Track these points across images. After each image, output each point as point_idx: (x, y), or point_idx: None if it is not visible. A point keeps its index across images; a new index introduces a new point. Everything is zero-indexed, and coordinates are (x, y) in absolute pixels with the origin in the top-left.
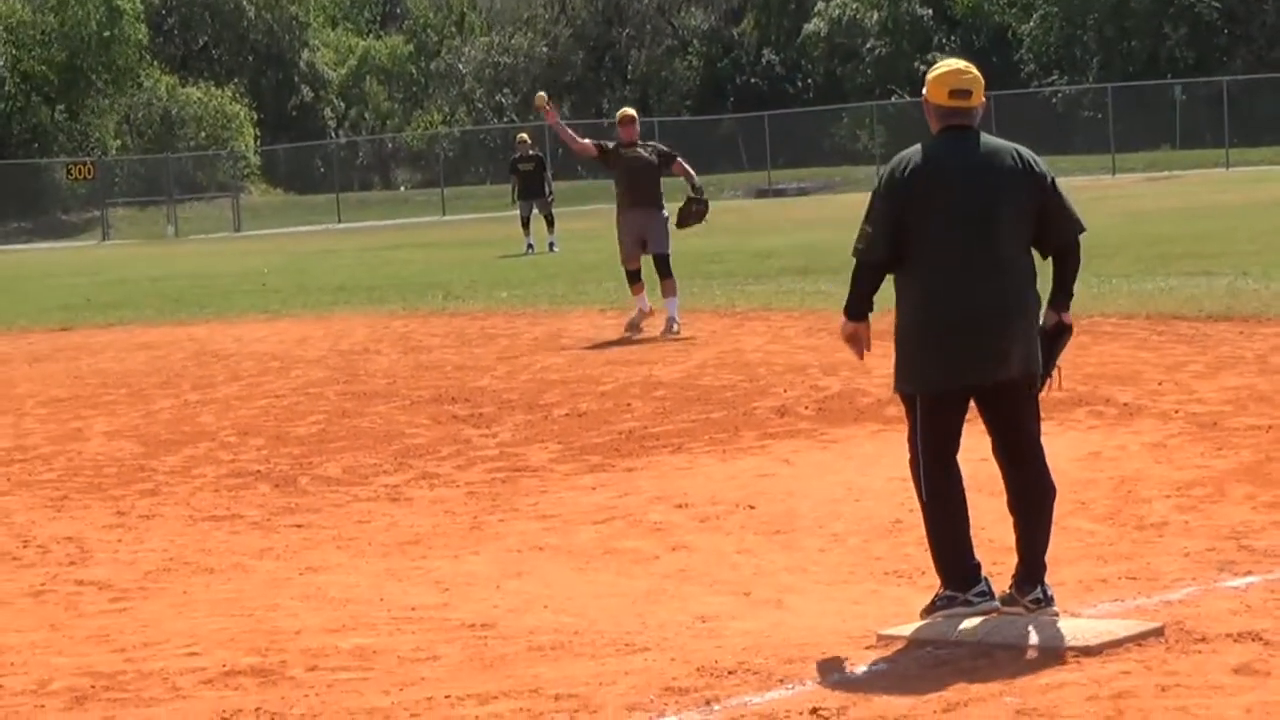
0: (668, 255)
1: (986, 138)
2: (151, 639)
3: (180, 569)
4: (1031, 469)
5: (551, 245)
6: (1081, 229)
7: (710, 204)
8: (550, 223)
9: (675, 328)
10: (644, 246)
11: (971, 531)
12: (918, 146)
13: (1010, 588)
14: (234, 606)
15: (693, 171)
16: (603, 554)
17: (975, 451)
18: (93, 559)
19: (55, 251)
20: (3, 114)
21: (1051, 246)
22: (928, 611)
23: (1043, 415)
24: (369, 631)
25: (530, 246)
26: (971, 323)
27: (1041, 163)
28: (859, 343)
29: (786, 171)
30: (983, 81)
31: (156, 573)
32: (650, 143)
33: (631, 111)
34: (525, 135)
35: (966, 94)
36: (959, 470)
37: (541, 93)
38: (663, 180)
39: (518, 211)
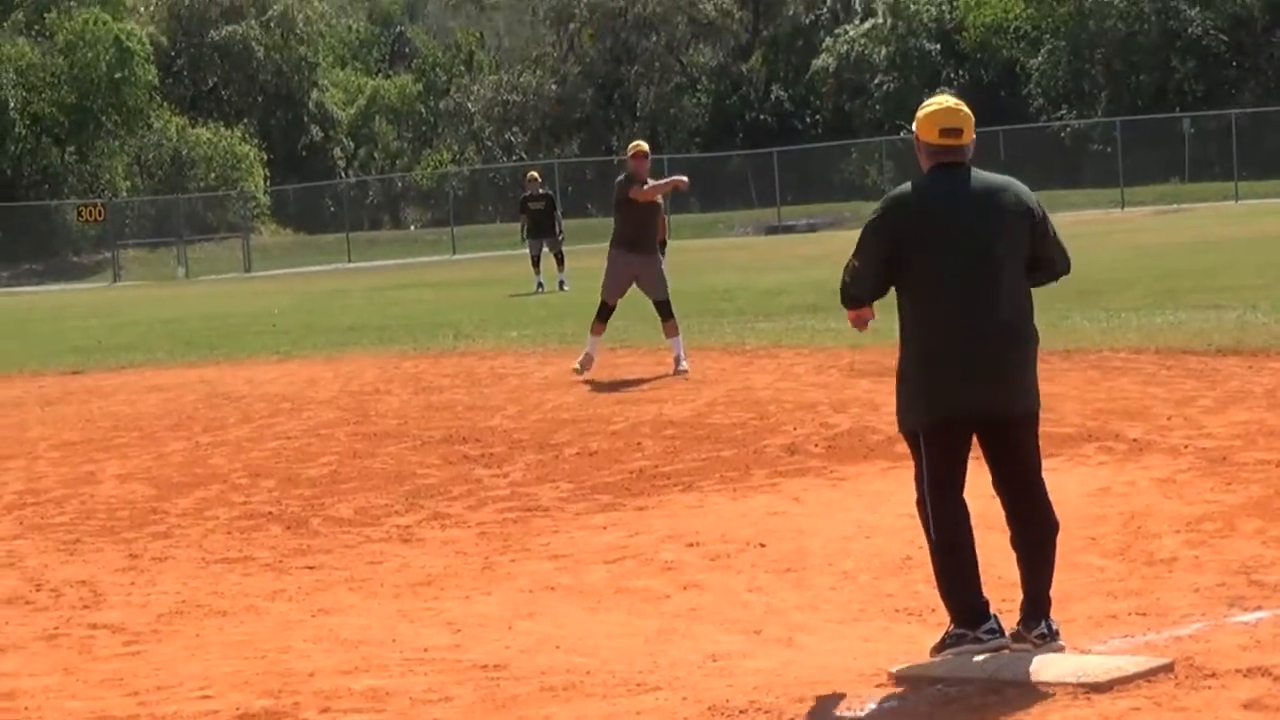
0: (668, 300)
1: (978, 172)
2: (165, 682)
3: (193, 611)
4: (1034, 504)
5: (562, 284)
6: (1069, 266)
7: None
8: (560, 261)
9: (684, 365)
10: (630, 285)
11: (980, 568)
12: (909, 184)
13: (1018, 624)
14: (247, 649)
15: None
16: (614, 593)
17: (984, 488)
18: (106, 602)
19: (66, 293)
20: (13, 156)
21: (1038, 281)
22: (938, 649)
23: (1053, 452)
24: (381, 673)
25: (540, 285)
26: (974, 355)
27: (1033, 197)
28: (864, 322)
29: (796, 208)
30: (973, 119)
31: (169, 615)
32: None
33: (645, 146)
34: (535, 173)
35: (957, 132)
36: (966, 507)
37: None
38: None
39: (527, 250)
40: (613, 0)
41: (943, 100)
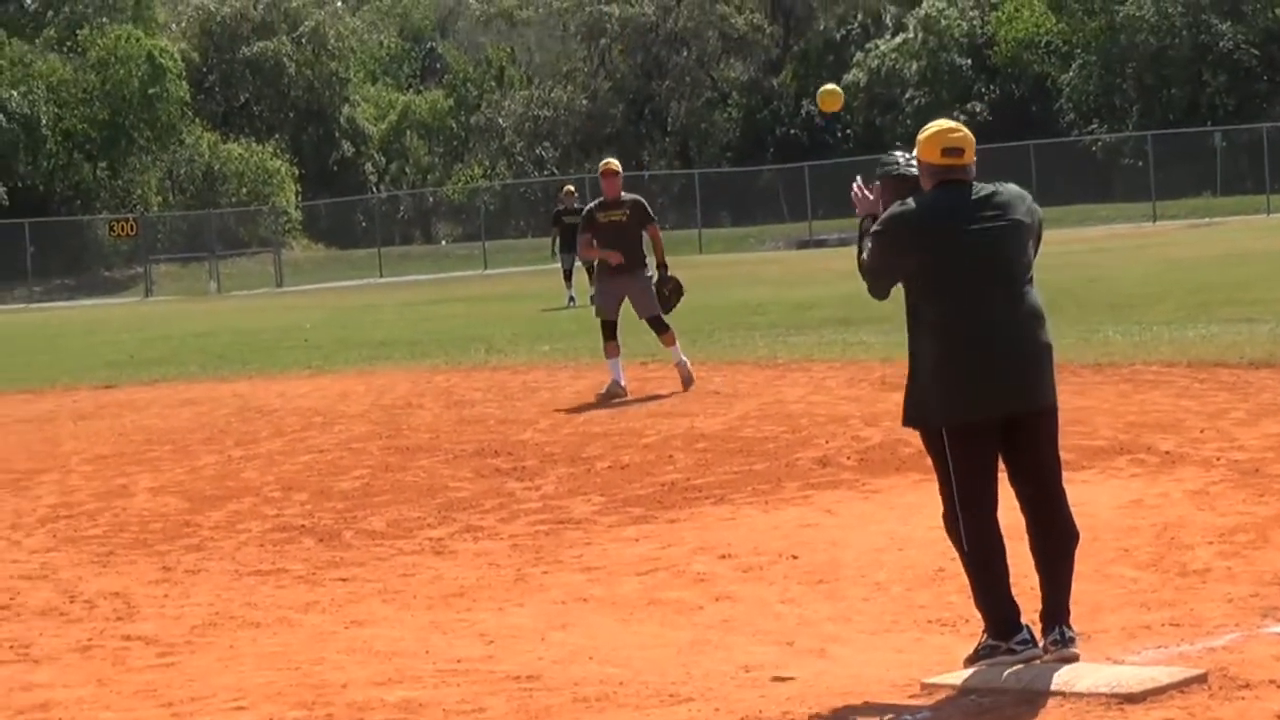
0: (659, 315)
1: (980, 184)
2: (198, 693)
3: (226, 623)
4: (1054, 510)
5: (592, 298)
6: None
7: (680, 279)
8: (592, 275)
9: (688, 367)
10: (623, 300)
11: (1011, 578)
12: (910, 200)
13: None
14: (280, 660)
15: (662, 243)
16: (646, 605)
17: (1014, 501)
18: (139, 614)
19: (98, 308)
20: (45, 171)
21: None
22: (971, 660)
23: (1085, 465)
24: (415, 684)
25: (572, 299)
26: (996, 357)
27: (1035, 205)
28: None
29: (827, 222)
30: (973, 141)
31: (203, 627)
32: (631, 196)
33: (614, 164)
34: (572, 187)
35: (959, 152)
36: (997, 517)
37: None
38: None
39: (559, 264)
40: (644, 15)
41: (942, 123)
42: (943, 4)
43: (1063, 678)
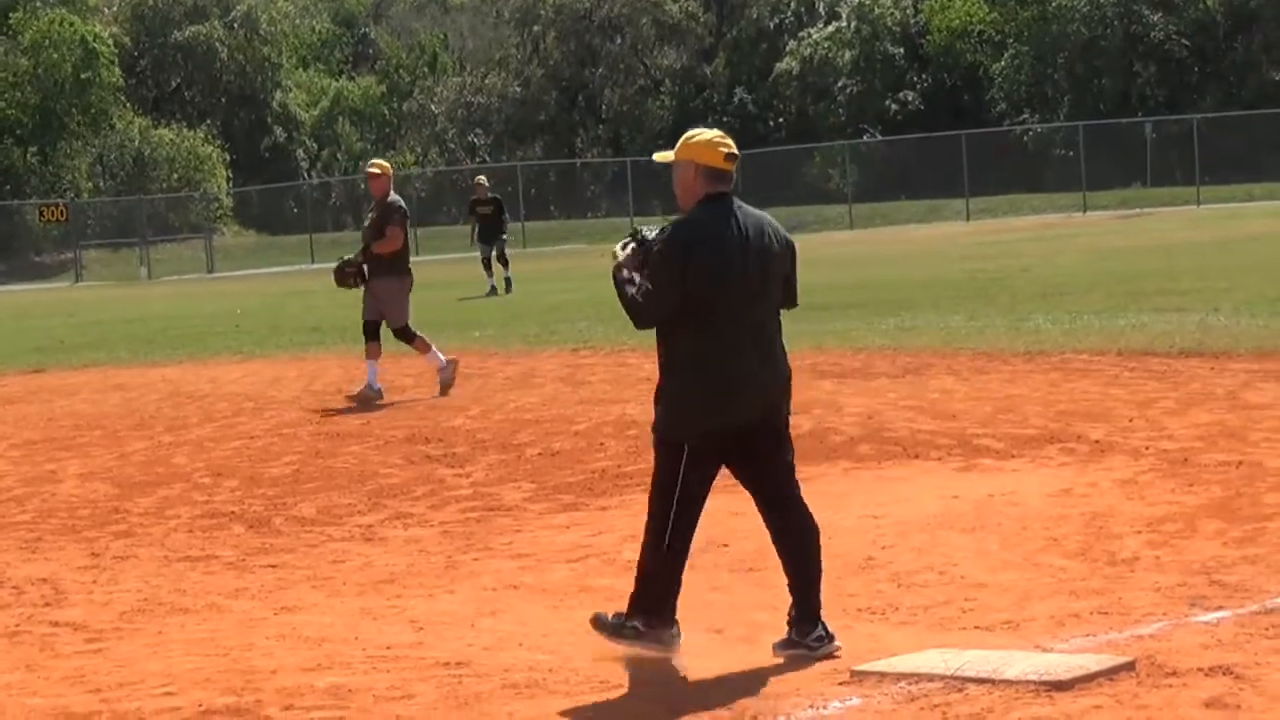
0: (398, 329)
1: (743, 205)
2: (127, 679)
3: (155, 609)
4: (792, 508)
5: (509, 282)
6: (795, 304)
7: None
8: (504, 261)
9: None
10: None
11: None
12: (694, 217)
13: (789, 631)
14: (209, 646)
15: (389, 237)
16: (577, 591)
17: (946, 489)
18: (68, 600)
19: (28, 293)
20: None
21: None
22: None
23: (1015, 453)
24: (344, 670)
25: (493, 288)
26: (743, 380)
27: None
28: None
29: None
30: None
31: (131, 613)
32: (392, 198)
33: (376, 166)
34: (483, 178)
35: (735, 158)
36: None
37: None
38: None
39: (478, 253)
40: (577, 2)
41: (707, 130)
42: None
43: (991, 664)
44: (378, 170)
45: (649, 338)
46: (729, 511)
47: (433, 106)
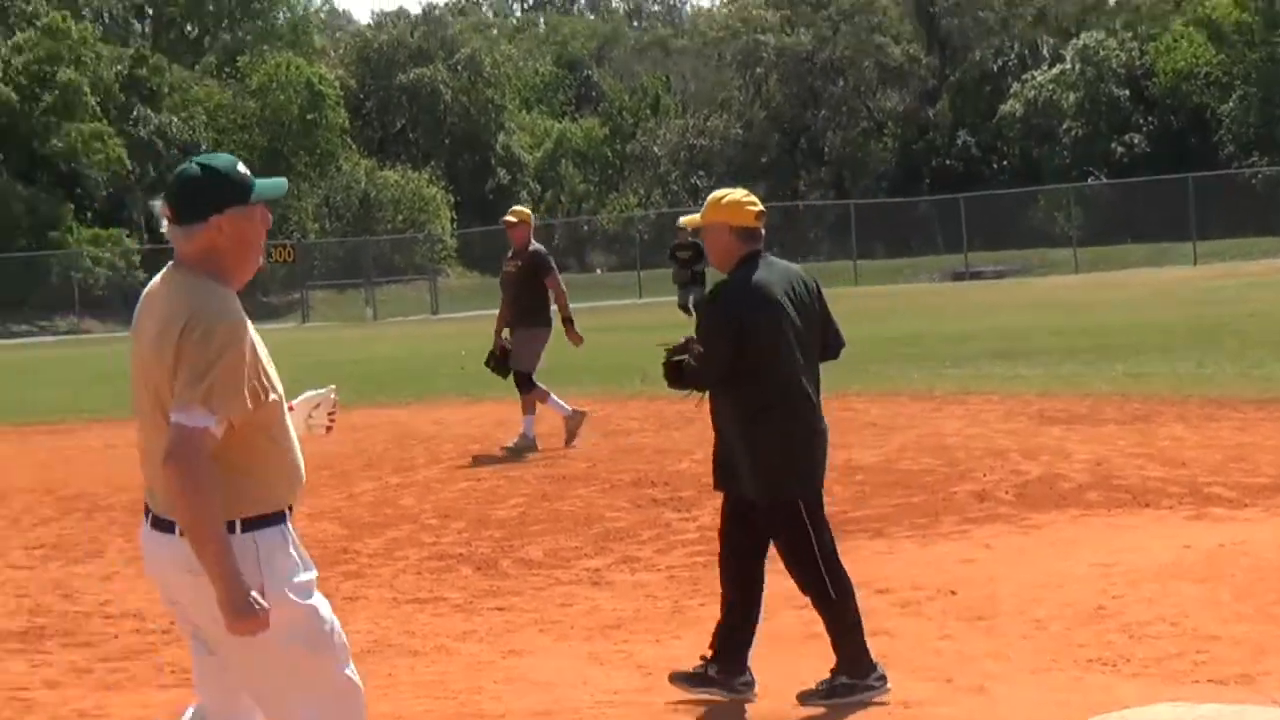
0: (523, 373)
1: (773, 258)
2: None
3: (385, 651)
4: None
5: None
6: (844, 343)
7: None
8: (696, 309)
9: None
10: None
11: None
12: (741, 276)
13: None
14: (438, 689)
15: (557, 289)
16: (805, 638)
17: (1177, 538)
18: None
19: (256, 333)
20: None
21: (827, 355)
22: (825, 695)
23: (1248, 502)
24: (572, 716)
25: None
26: (821, 432)
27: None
28: None
29: (983, 254)
30: None
31: (361, 655)
32: (535, 247)
33: (515, 214)
34: (685, 221)
35: (764, 215)
36: None
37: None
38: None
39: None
40: (800, 44)
41: (734, 190)
42: (1101, 35)
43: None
44: (515, 219)
45: (875, 380)
46: (958, 558)
47: (655, 148)
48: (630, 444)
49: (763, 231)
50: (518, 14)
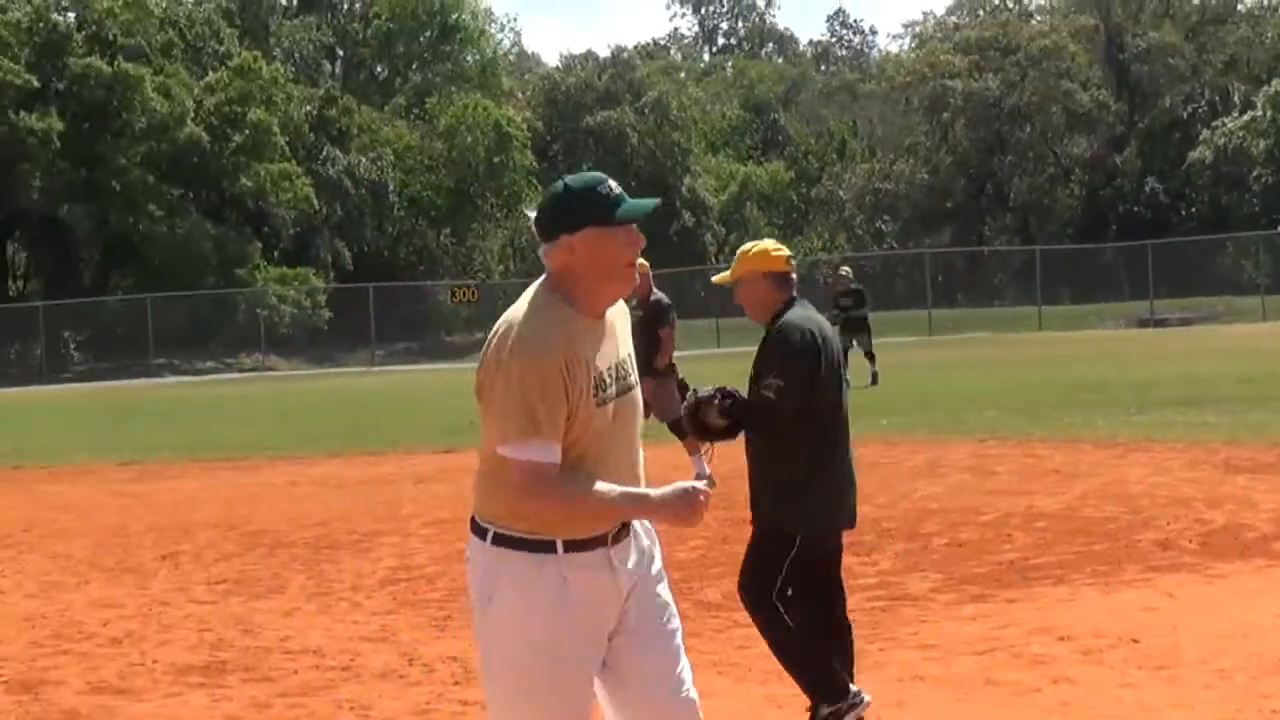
0: (674, 421)
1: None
2: None
3: None
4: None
5: (874, 376)
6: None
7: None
8: (870, 356)
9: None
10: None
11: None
12: (795, 317)
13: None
14: None
15: (667, 343)
16: (984, 685)
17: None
18: (476, 680)
19: (439, 373)
20: (390, 237)
21: None
22: None
23: None
24: None
25: (875, 375)
26: (850, 472)
27: None
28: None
29: (1169, 301)
30: None
31: None
32: (657, 296)
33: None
34: (846, 269)
35: (793, 260)
36: None
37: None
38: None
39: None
40: (987, 90)
41: (762, 240)
42: None
43: None
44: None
45: (1058, 427)
46: (1140, 606)
47: (840, 192)
48: None
49: (794, 277)
50: (705, 58)
